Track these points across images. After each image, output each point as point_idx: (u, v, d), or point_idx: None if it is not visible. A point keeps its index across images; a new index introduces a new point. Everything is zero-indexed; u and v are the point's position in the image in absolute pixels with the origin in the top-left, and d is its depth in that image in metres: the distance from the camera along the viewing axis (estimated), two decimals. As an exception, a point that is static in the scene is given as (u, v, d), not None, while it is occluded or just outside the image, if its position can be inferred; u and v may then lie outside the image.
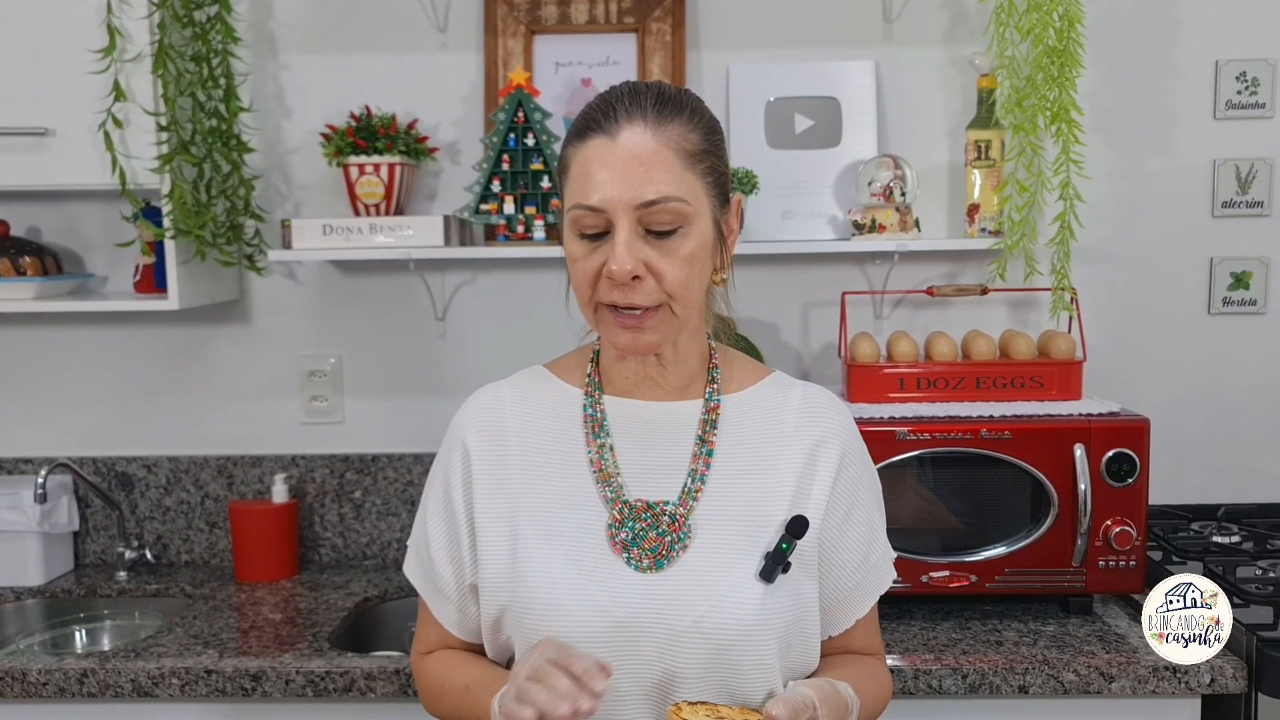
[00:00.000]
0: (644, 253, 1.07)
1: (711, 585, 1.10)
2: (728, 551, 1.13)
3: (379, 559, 2.21)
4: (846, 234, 2.05)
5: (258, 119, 2.11)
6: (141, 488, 2.20)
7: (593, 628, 1.09)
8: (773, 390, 1.23)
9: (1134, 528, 1.75)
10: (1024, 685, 1.60)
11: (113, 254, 2.15)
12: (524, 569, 1.12)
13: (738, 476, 1.16)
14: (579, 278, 1.11)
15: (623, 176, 1.06)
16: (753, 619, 1.10)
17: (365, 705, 1.66)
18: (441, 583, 1.20)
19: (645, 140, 1.07)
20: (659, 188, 1.06)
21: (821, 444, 1.20)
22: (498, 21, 2.09)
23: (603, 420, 1.18)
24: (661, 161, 1.07)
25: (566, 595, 1.10)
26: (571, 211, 1.09)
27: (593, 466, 1.16)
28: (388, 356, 2.20)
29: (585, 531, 1.13)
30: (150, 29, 1.84)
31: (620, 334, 1.11)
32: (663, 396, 1.20)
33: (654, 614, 1.09)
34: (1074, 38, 1.90)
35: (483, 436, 1.19)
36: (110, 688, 1.64)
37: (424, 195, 2.16)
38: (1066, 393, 1.88)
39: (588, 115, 1.11)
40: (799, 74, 2.10)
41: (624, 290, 1.08)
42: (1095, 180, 2.04)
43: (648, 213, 1.06)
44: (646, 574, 1.11)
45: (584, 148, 1.09)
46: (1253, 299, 2.12)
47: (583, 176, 1.08)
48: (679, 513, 1.14)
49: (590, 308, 1.12)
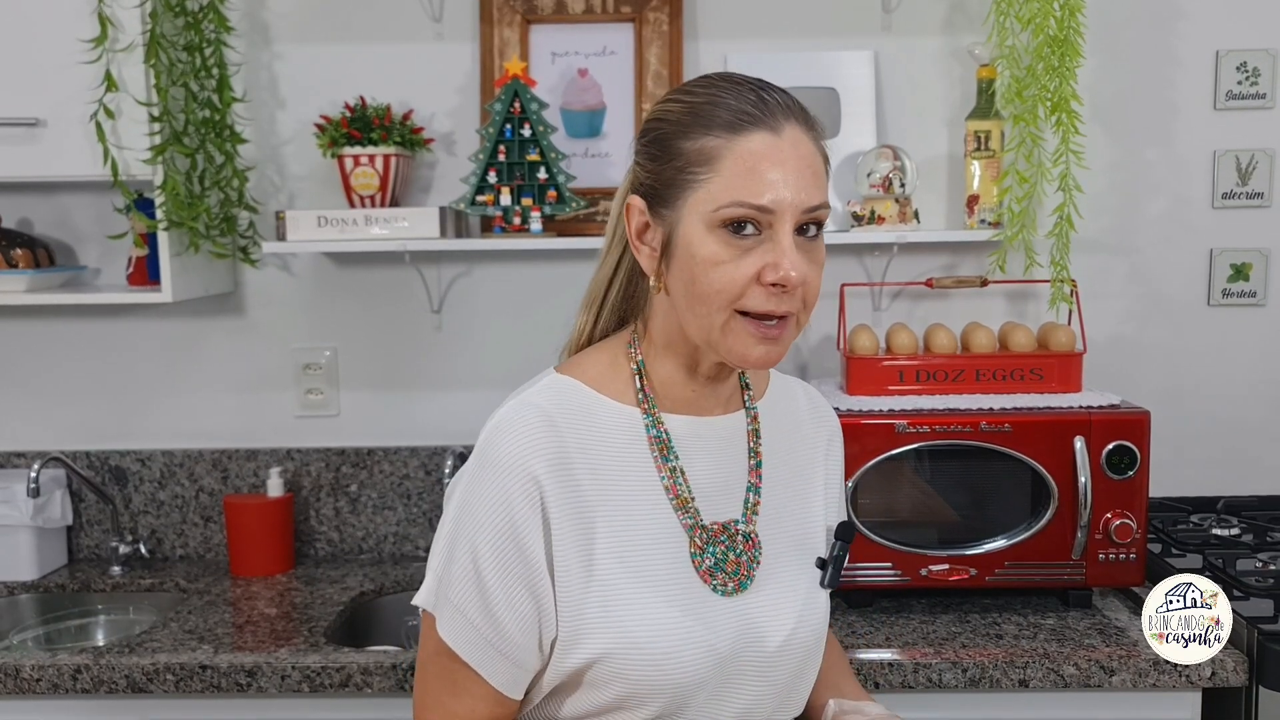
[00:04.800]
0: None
1: (790, 601, 1.12)
2: (791, 563, 1.14)
3: (375, 553, 2.20)
4: (845, 225, 2.04)
5: (251, 109, 2.09)
6: (135, 482, 2.19)
7: (702, 667, 1.05)
8: (782, 390, 1.23)
9: (1134, 520, 1.75)
10: (1024, 679, 1.59)
11: (105, 246, 2.13)
12: (623, 616, 1.03)
13: (783, 485, 1.17)
14: (724, 282, 1.00)
15: (795, 177, 0.99)
16: (824, 629, 1.15)
17: (361, 700, 1.65)
18: (511, 646, 1.03)
19: (806, 142, 1.02)
20: (821, 193, 1.02)
21: (830, 441, 1.24)
22: (493, 11, 2.08)
23: (669, 441, 1.10)
24: (819, 165, 1.03)
25: (676, 640, 1.04)
26: (728, 209, 0.99)
27: (669, 493, 1.08)
28: (383, 349, 2.18)
29: (673, 564, 1.07)
30: (142, 18, 1.82)
31: (756, 346, 1.02)
32: (713, 409, 1.14)
33: (746, 641, 1.08)
34: (1074, 27, 1.89)
35: (551, 467, 1.03)
36: (104, 683, 1.63)
37: (419, 187, 2.14)
38: (1066, 385, 1.87)
39: (729, 106, 1.01)
40: (797, 64, 2.08)
41: (780, 299, 1.00)
42: (1095, 171, 2.03)
43: (808, 217, 1.01)
44: (732, 597, 1.09)
45: (743, 140, 0.99)
46: (1253, 290, 2.11)
47: (748, 172, 0.99)
48: (750, 530, 1.12)
49: (724, 314, 1.01)
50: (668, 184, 1.03)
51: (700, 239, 1.00)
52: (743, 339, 1.02)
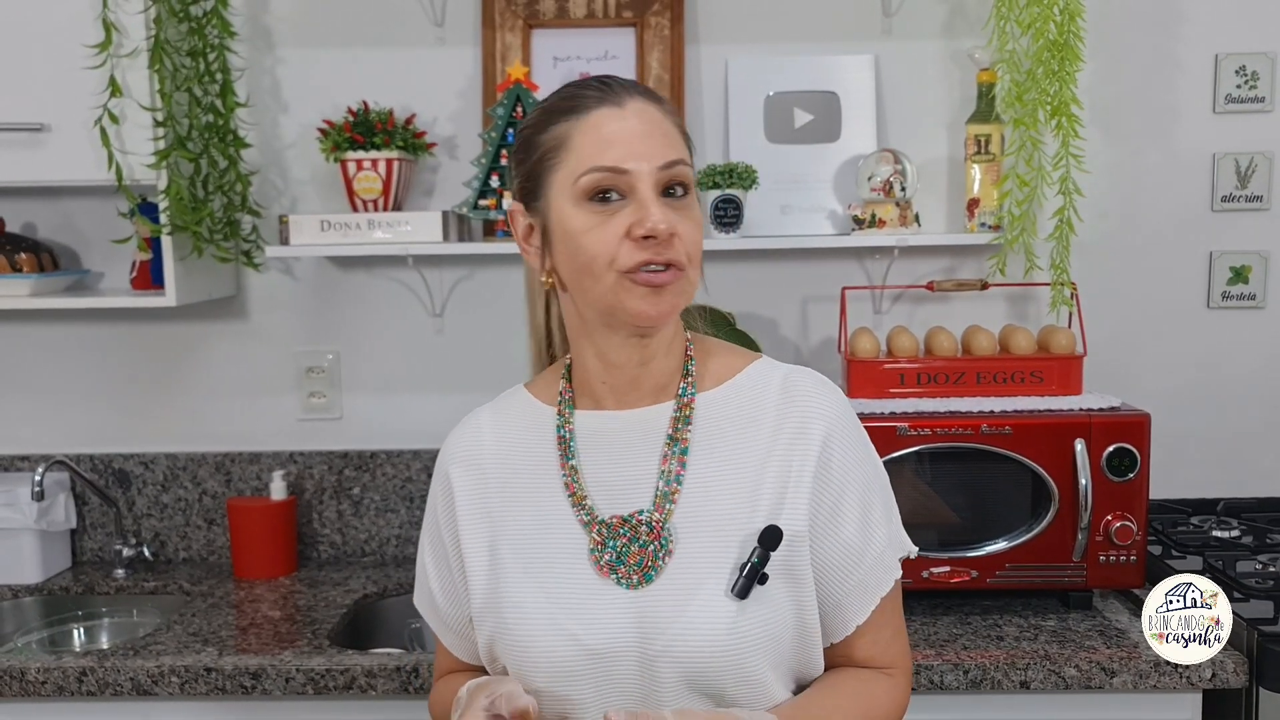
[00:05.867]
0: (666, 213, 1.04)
1: (683, 604, 1.05)
2: (707, 564, 1.06)
3: (378, 555, 2.20)
4: (846, 229, 2.04)
5: (254, 114, 2.10)
6: (139, 485, 2.19)
7: (566, 656, 1.06)
8: (754, 379, 1.15)
9: (1134, 522, 1.75)
10: (1025, 680, 1.60)
11: (109, 250, 2.14)
12: (502, 600, 1.11)
13: (717, 477, 1.09)
14: (598, 245, 1.03)
15: (642, 138, 1.05)
16: (725, 639, 1.03)
17: (366, 702, 1.66)
18: (444, 615, 1.21)
19: (652, 110, 1.07)
20: (675, 150, 1.06)
21: (802, 431, 1.10)
22: (495, 15, 2.08)
23: (570, 439, 1.14)
24: (670, 129, 1.08)
25: (539, 625, 1.08)
26: (585, 177, 1.04)
27: (566, 490, 1.12)
28: (385, 352, 2.19)
29: (567, 558, 1.09)
30: (146, 24, 1.83)
31: (645, 299, 1.04)
32: (637, 401, 1.13)
33: (626, 640, 1.05)
34: (1074, 31, 1.89)
35: (463, 467, 1.18)
36: (109, 686, 1.64)
37: (422, 191, 2.15)
38: (1066, 387, 1.87)
39: (574, 95, 1.08)
40: (798, 68, 2.09)
41: (659, 247, 1.03)
42: (1095, 174, 2.03)
43: (668, 173, 1.05)
44: (637, 589, 1.06)
45: (587, 118, 1.06)
46: (1252, 293, 2.11)
47: (597, 140, 1.04)
48: (655, 519, 1.08)
49: (609, 277, 1.04)
50: (533, 177, 1.09)
51: (570, 214, 1.06)
52: (633, 296, 1.05)
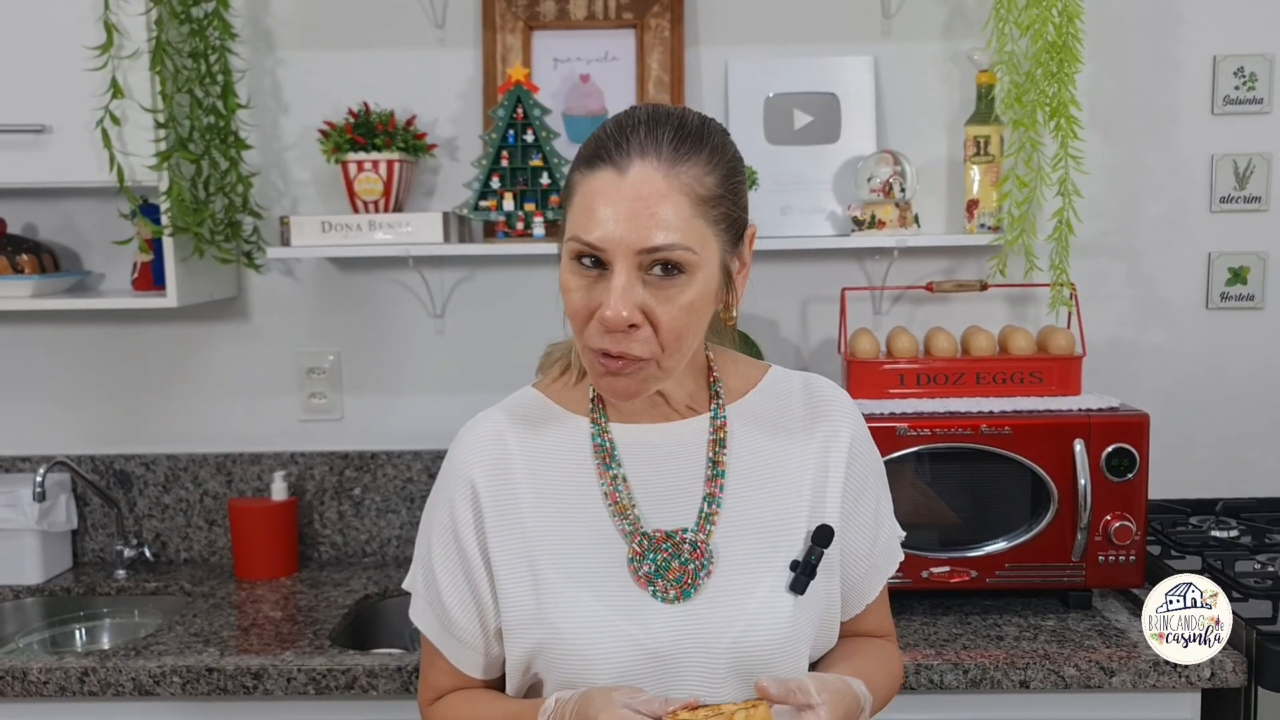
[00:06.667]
0: (642, 298, 1.00)
1: (741, 606, 1.08)
2: (754, 569, 1.11)
3: (379, 556, 2.21)
4: (846, 230, 2.05)
5: (255, 115, 2.11)
6: (140, 486, 2.20)
7: (629, 663, 1.06)
8: (774, 388, 1.20)
9: (1133, 523, 1.76)
10: (1025, 680, 1.60)
11: (110, 251, 2.14)
12: (551, 611, 1.08)
13: (754, 490, 1.14)
14: (574, 309, 1.04)
15: (628, 218, 0.99)
16: (787, 632, 1.09)
17: (367, 702, 1.66)
18: (458, 629, 1.15)
19: (655, 181, 1.00)
20: (666, 234, 0.99)
21: (832, 436, 1.17)
22: (496, 17, 2.09)
23: (613, 450, 1.13)
24: (671, 206, 1.00)
25: (599, 634, 1.07)
26: (570, 243, 1.03)
27: (608, 499, 1.12)
28: (386, 353, 2.19)
29: (607, 567, 1.10)
30: (147, 25, 1.83)
31: (602, 378, 1.05)
32: (669, 417, 1.15)
33: (689, 642, 1.07)
34: (1073, 33, 1.90)
35: (490, 476, 1.13)
36: (111, 686, 1.64)
37: (422, 192, 2.15)
38: (1066, 388, 1.88)
39: (600, 141, 1.04)
40: (798, 69, 2.09)
41: (615, 339, 1.01)
42: (1094, 175, 2.04)
43: (649, 258, 1.00)
44: (674, 605, 1.08)
45: (591, 178, 1.02)
46: (1250, 294, 2.12)
47: (586, 210, 1.01)
48: (699, 539, 1.10)
49: (581, 344, 1.06)
50: (563, 211, 1.09)
51: (565, 264, 1.05)
52: (596, 372, 1.06)
